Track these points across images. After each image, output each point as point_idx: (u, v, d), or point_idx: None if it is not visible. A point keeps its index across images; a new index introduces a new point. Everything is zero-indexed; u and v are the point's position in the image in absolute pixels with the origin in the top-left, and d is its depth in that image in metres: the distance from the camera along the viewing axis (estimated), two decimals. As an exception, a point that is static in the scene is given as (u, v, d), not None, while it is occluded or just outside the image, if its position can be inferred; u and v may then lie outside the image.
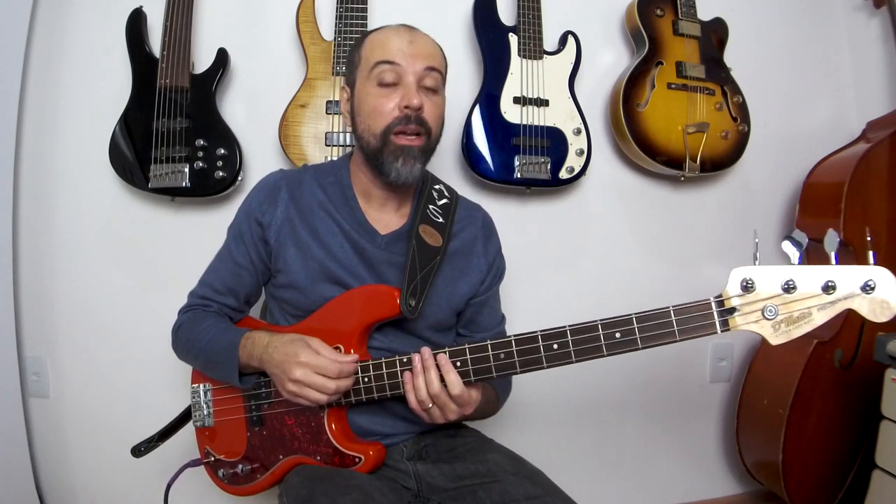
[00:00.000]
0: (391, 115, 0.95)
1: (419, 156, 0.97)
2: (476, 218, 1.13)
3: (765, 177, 1.75)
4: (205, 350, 1.02)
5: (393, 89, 0.96)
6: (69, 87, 1.50)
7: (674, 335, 0.81)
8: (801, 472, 1.49)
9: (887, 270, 0.76)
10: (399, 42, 0.97)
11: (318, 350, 0.91)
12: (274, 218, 1.01)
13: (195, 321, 1.05)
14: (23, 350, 1.50)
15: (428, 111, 0.97)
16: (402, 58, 0.95)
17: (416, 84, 0.96)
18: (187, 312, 1.08)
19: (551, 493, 0.92)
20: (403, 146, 0.96)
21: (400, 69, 0.95)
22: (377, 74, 0.96)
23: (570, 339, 0.85)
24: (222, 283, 1.06)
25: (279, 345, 0.93)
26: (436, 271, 1.01)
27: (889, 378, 1.29)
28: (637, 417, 1.71)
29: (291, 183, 1.04)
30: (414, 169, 0.97)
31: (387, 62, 0.95)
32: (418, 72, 0.96)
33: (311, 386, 0.89)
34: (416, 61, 0.96)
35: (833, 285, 0.76)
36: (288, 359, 0.91)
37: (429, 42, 1.01)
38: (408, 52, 0.96)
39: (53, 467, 1.54)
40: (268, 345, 0.95)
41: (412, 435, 1.06)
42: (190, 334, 1.04)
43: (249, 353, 0.97)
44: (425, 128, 0.97)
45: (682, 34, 1.56)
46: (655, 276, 1.69)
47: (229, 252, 1.06)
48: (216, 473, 1.08)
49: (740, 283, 0.79)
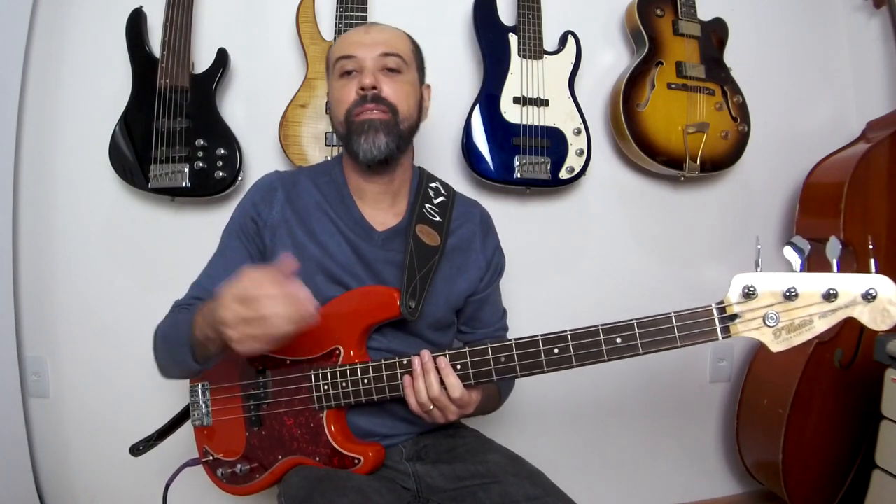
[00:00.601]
0: (349, 101, 0.98)
1: (381, 127, 0.97)
2: (474, 214, 1.13)
3: (765, 177, 1.75)
4: (167, 336, 0.96)
5: (352, 77, 0.99)
6: (69, 87, 1.50)
7: (675, 341, 0.81)
8: (801, 472, 1.49)
9: (888, 279, 0.76)
10: (356, 36, 1.01)
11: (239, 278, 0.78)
12: (270, 218, 1.02)
13: (167, 318, 1.03)
14: (23, 350, 1.50)
15: (389, 89, 0.98)
16: (359, 48, 0.98)
17: (377, 69, 0.98)
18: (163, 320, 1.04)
19: (551, 494, 0.92)
20: (363, 120, 0.97)
21: (357, 59, 0.98)
22: (338, 69, 1.00)
23: (571, 344, 0.85)
24: (213, 283, 0.99)
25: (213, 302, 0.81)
26: (435, 270, 1.01)
27: (889, 378, 1.29)
28: (637, 417, 1.71)
29: (287, 184, 1.05)
30: (378, 142, 0.96)
31: (345, 56, 0.99)
32: (375, 58, 0.98)
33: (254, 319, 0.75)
34: (372, 49, 0.98)
35: (835, 293, 0.77)
36: (218, 303, 0.79)
37: (388, 31, 1.03)
38: (364, 42, 0.99)
39: (53, 467, 1.54)
40: (216, 296, 0.81)
41: (411, 436, 1.06)
42: (161, 331, 1.00)
43: (202, 320, 0.84)
44: (387, 104, 0.98)
45: (682, 34, 1.56)
46: (655, 276, 1.69)
47: (224, 251, 1.05)
48: (215, 473, 1.08)
49: (742, 290, 0.79)
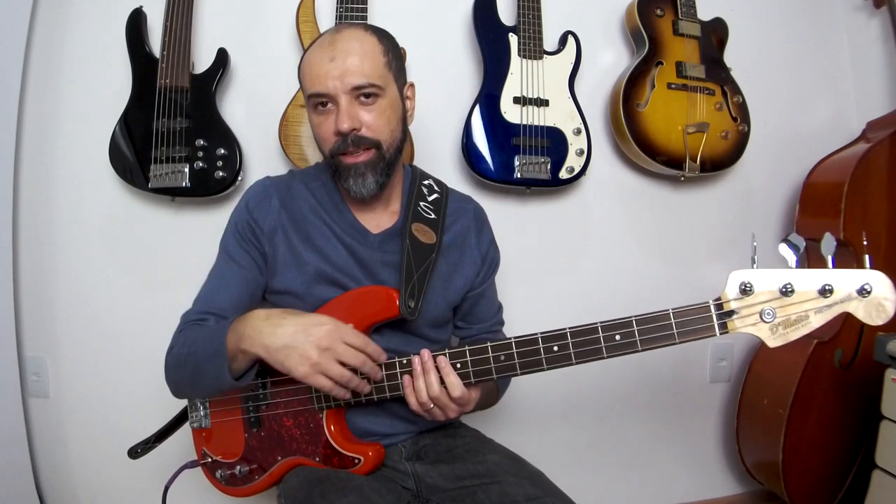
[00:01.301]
0: (331, 140, 0.96)
1: (367, 170, 0.96)
2: (467, 210, 1.13)
3: (765, 177, 1.75)
4: (191, 353, 0.92)
5: (328, 112, 0.95)
6: (69, 88, 1.50)
7: (673, 337, 0.82)
8: (801, 472, 1.49)
9: (883, 274, 0.78)
10: (321, 66, 0.93)
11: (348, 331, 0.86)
12: (266, 224, 1.01)
13: (182, 335, 0.98)
14: (23, 350, 1.50)
15: (369, 124, 0.95)
16: (328, 83, 0.92)
17: (352, 101, 0.93)
18: (176, 337, 1.00)
19: (551, 494, 0.92)
20: (349, 165, 0.96)
21: (329, 95, 0.93)
22: (312, 104, 0.97)
23: (571, 342, 0.85)
24: (217, 294, 1.01)
25: (287, 316, 0.86)
26: (432, 269, 1.01)
27: (889, 378, 1.29)
28: (637, 417, 1.71)
29: (281, 189, 1.04)
30: (367, 183, 0.97)
31: (315, 94, 0.94)
32: (348, 91, 0.93)
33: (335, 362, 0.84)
34: (342, 80, 0.92)
35: (830, 288, 0.78)
36: (312, 327, 0.84)
37: (354, 52, 0.93)
38: (332, 75, 0.92)
39: (53, 467, 1.54)
40: (269, 316, 0.86)
41: (411, 435, 1.06)
42: (179, 348, 0.96)
43: (240, 332, 0.86)
44: (369, 142, 0.96)
45: (682, 34, 1.56)
46: (655, 275, 1.69)
47: (230, 260, 1.03)
48: (214, 475, 1.08)
49: (739, 287, 0.80)
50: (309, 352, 0.83)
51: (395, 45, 1.02)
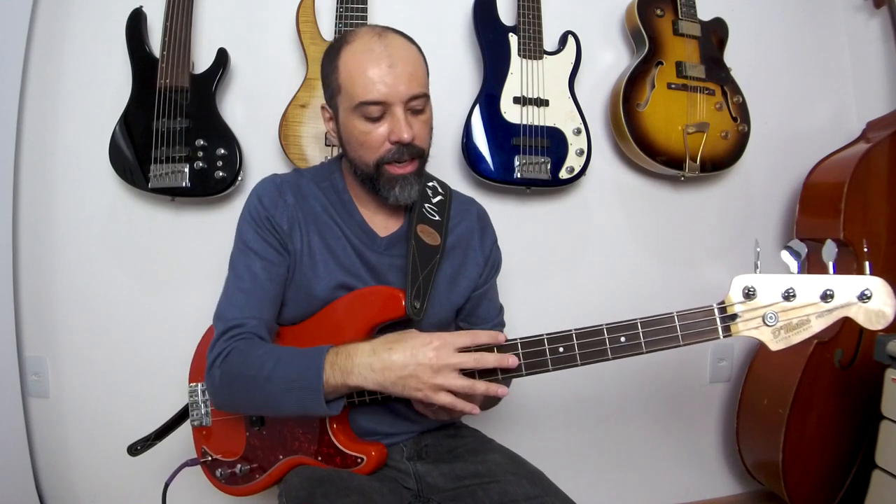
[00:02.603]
0: (382, 149, 0.94)
1: (413, 180, 0.97)
2: (471, 212, 1.14)
3: (765, 177, 1.75)
4: (271, 379, 0.87)
5: (380, 121, 0.93)
6: (69, 87, 1.50)
7: (677, 340, 0.83)
8: (801, 472, 1.49)
9: (883, 280, 0.80)
10: (379, 72, 0.90)
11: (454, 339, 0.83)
12: (284, 221, 0.99)
13: (244, 352, 0.91)
14: (23, 350, 1.50)
15: (418, 134, 0.95)
16: (387, 92, 0.90)
17: (404, 111, 0.92)
18: (227, 343, 0.93)
19: (550, 494, 0.93)
20: (398, 175, 0.96)
21: (386, 106, 0.91)
22: (363, 111, 0.92)
23: (576, 343, 0.85)
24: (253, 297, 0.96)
25: (392, 344, 0.84)
26: (437, 270, 1.01)
27: (889, 378, 1.29)
28: (637, 417, 1.71)
29: (293, 187, 1.03)
30: (412, 192, 0.98)
31: (372, 102, 0.91)
32: (405, 100, 0.91)
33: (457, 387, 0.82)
34: (402, 90, 0.90)
35: (831, 294, 0.80)
36: (420, 350, 0.82)
37: (409, 58, 0.93)
38: (391, 83, 0.90)
39: (53, 467, 1.54)
40: (374, 350, 0.84)
41: (413, 434, 1.06)
42: (244, 367, 0.90)
43: (345, 368, 0.84)
44: (417, 153, 0.96)
45: (682, 34, 1.56)
46: (655, 275, 1.69)
47: (251, 257, 0.98)
48: (214, 473, 1.08)
49: (742, 291, 0.82)
50: (422, 376, 0.82)
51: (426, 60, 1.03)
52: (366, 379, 0.84)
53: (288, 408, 0.88)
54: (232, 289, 0.98)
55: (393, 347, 0.84)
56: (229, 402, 0.96)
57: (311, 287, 0.99)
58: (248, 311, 0.95)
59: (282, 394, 0.87)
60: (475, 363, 0.84)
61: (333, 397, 0.87)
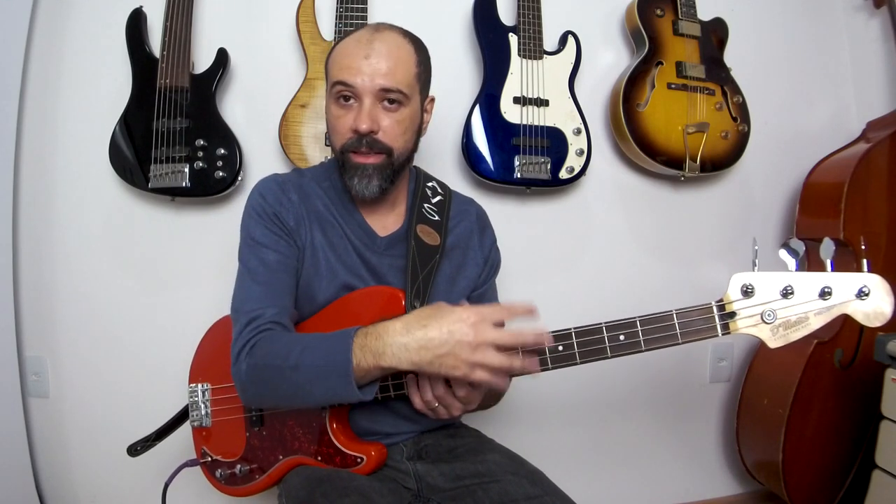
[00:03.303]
0: (346, 135, 0.96)
1: (374, 173, 0.97)
2: (470, 212, 1.14)
3: (765, 177, 1.75)
4: (299, 367, 0.83)
5: (350, 107, 0.95)
6: (69, 87, 1.50)
7: (676, 338, 0.83)
8: (801, 471, 1.49)
9: (881, 278, 0.80)
10: (356, 59, 0.93)
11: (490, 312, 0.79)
12: (290, 219, 0.99)
13: (270, 341, 0.89)
14: (23, 350, 1.50)
15: (386, 130, 0.95)
16: (358, 77, 0.92)
17: (376, 102, 0.94)
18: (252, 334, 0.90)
19: (550, 494, 0.92)
20: (357, 164, 0.96)
21: (355, 89, 0.93)
22: (336, 93, 0.95)
23: (575, 342, 0.85)
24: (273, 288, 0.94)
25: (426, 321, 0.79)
26: (436, 270, 1.01)
27: (889, 378, 1.29)
28: (637, 417, 1.71)
29: (296, 185, 1.03)
30: (370, 186, 0.97)
31: (341, 82, 0.93)
32: (375, 91, 0.93)
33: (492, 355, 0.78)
34: (372, 79, 0.92)
35: (829, 291, 0.81)
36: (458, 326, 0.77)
37: (392, 55, 0.94)
38: (364, 71, 0.92)
39: (53, 467, 1.54)
40: (407, 328, 0.79)
41: (413, 434, 1.06)
42: (271, 357, 0.86)
43: (376, 349, 0.80)
44: (382, 147, 0.96)
45: (682, 34, 1.56)
46: (655, 275, 1.69)
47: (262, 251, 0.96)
48: (213, 474, 1.08)
49: (741, 288, 0.82)
50: (460, 354, 0.77)
51: (428, 58, 1.03)
52: (400, 360, 0.79)
53: (319, 396, 0.85)
54: (247, 282, 0.96)
55: (428, 324, 0.79)
56: (258, 395, 0.92)
57: (313, 286, 0.99)
58: (267, 300, 0.93)
59: (311, 381, 0.84)
60: (515, 339, 0.80)
61: (366, 381, 0.83)
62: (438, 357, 0.78)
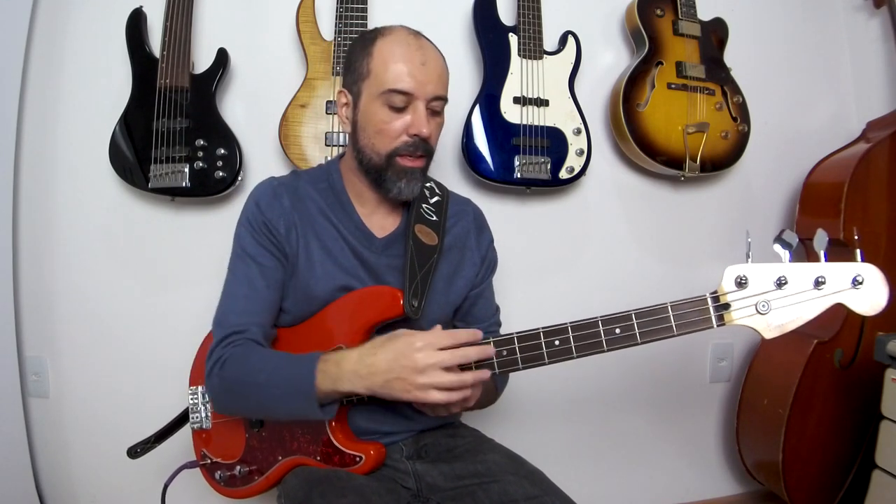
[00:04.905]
0: (399, 140, 0.97)
1: (419, 175, 1.00)
2: (467, 212, 1.14)
3: (765, 177, 1.75)
4: (266, 385, 0.90)
5: (402, 113, 0.96)
6: (69, 87, 1.50)
7: (671, 330, 0.84)
8: (801, 472, 1.49)
9: (875, 266, 0.81)
10: (412, 67, 0.94)
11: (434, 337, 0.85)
12: (280, 225, 1.00)
13: (241, 358, 0.93)
14: (23, 350, 1.50)
15: (432, 135, 0.99)
16: (417, 87, 0.94)
17: (425, 109, 0.96)
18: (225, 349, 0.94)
19: (550, 493, 0.92)
20: (408, 168, 0.98)
21: (412, 98, 0.95)
22: (388, 99, 0.95)
23: (571, 335, 0.86)
24: (252, 303, 0.98)
25: (376, 349, 0.86)
26: (434, 270, 1.01)
27: (889, 378, 1.29)
28: (637, 417, 1.71)
29: (289, 190, 1.03)
30: (416, 187, 1.00)
31: (400, 91, 0.94)
32: (429, 100, 0.96)
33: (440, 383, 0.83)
34: (429, 88, 0.96)
35: (823, 280, 0.81)
36: (403, 352, 0.83)
37: (440, 62, 0.99)
38: (421, 80, 0.95)
39: (53, 467, 1.54)
40: (360, 357, 0.86)
41: (412, 434, 1.06)
42: (241, 374, 0.93)
43: (334, 376, 0.87)
44: (427, 151, 0.99)
45: (682, 34, 1.56)
46: (655, 275, 1.69)
47: (248, 263, 0.99)
48: (213, 476, 1.08)
49: (735, 280, 0.83)
50: (409, 378, 0.83)
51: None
52: (354, 385, 0.86)
53: (284, 412, 0.93)
54: (230, 294, 1.00)
55: (377, 353, 0.86)
56: (228, 406, 1.00)
57: (310, 289, 0.99)
58: (246, 317, 0.97)
59: (276, 400, 0.90)
60: (456, 359, 0.85)
61: (327, 402, 0.90)
62: (388, 382, 0.84)
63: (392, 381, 0.84)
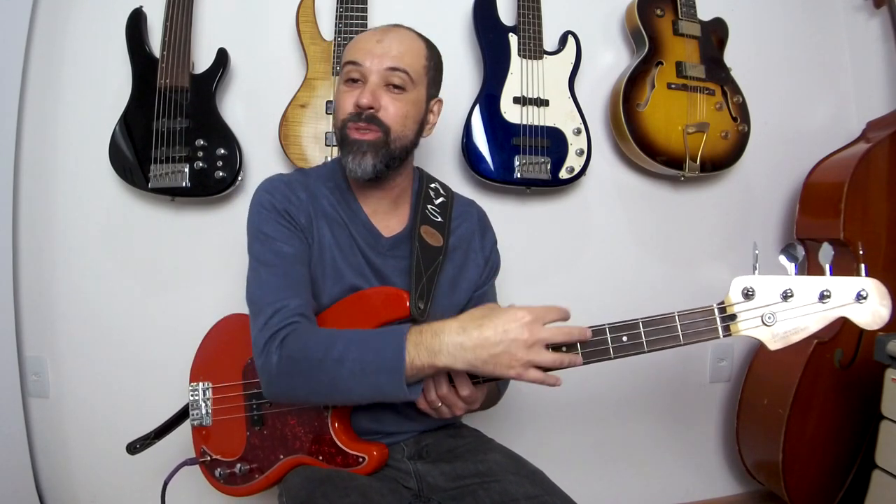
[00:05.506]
0: (347, 111, 0.97)
1: (369, 149, 0.96)
2: (471, 213, 1.15)
3: (765, 177, 1.75)
4: (341, 360, 0.82)
5: (356, 86, 0.98)
6: (69, 87, 1.50)
7: (678, 339, 0.84)
8: (801, 472, 1.49)
9: (878, 281, 0.82)
10: (368, 42, 0.98)
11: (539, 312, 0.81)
12: (301, 216, 0.99)
13: (306, 332, 0.87)
14: (23, 350, 1.50)
15: (387, 109, 0.97)
16: (367, 57, 0.96)
17: (381, 83, 0.96)
18: (281, 323, 0.87)
19: (550, 493, 0.93)
20: (354, 140, 0.97)
21: (362, 69, 0.96)
22: (345, 73, 0.99)
23: (578, 343, 0.85)
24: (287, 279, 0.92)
25: (481, 320, 0.81)
26: (439, 271, 1.02)
27: (889, 378, 1.29)
28: (637, 417, 1.71)
29: (302, 185, 1.03)
30: (364, 163, 0.96)
31: (351, 62, 0.97)
32: (381, 71, 0.96)
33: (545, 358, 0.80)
34: (380, 61, 0.96)
35: (828, 294, 0.82)
36: (511, 324, 0.79)
37: (402, 41, 0.99)
38: (374, 52, 0.96)
39: (53, 467, 1.54)
40: (464, 328, 0.80)
41: (414, 434, 1.06)
42: (309, 348, 0.85)
43: (433, 348, 0.80)
44: (379, 125, 0.96)
45: (682, 34, 1.56)
46: (655, 275, 1.69)
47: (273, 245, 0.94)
48: (212, 473, 1.08)
49: (741, 291, 0.84)
50: (515, 353, 0.79)
51: (440, 61, 1.07)
52: (455, 358, 0.80)
53: (360, 393, 0.84)
54: (264, 276, 0.93)
55: (483, 324, 0.80)
56: (289, 389, 0.89)
57: (318, 285, 0.99)
58: (290, 292, 0.91)
59: (354, 377, 0.82)
60: (566, 337, 0.82)
61: (415, 380, 0.83)
62: (494, 356, 0.79)
63: (500, 355, 0.79)
